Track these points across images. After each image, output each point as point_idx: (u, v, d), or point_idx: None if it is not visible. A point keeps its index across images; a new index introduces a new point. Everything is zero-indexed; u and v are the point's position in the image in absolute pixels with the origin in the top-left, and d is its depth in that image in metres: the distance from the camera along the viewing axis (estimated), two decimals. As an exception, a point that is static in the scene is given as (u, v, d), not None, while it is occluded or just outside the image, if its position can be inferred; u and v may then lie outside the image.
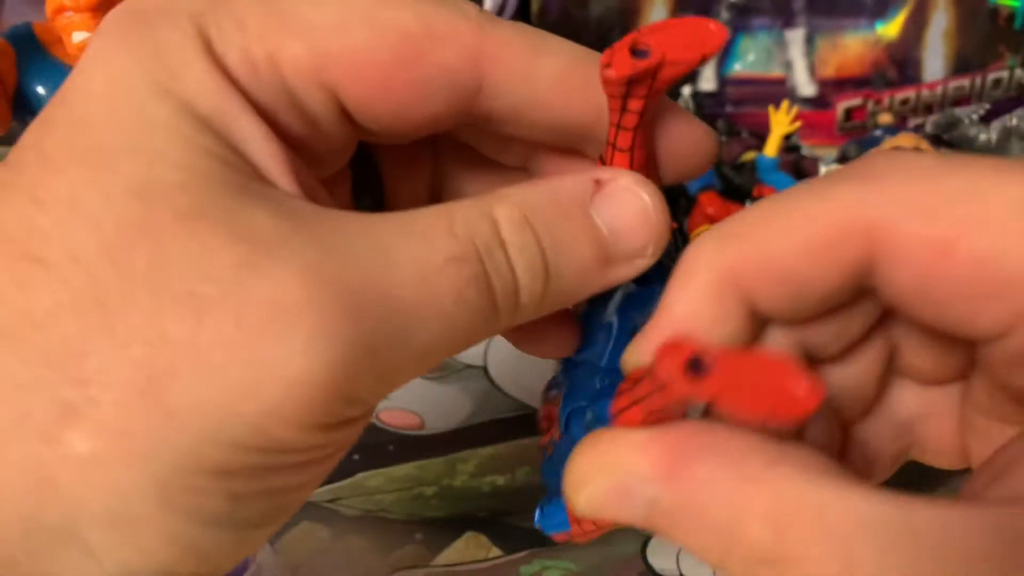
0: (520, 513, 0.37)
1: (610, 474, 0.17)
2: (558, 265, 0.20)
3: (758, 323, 0.19)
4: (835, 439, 0.21)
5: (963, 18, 0.54)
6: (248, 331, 0.16)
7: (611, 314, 0.24)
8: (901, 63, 0.55)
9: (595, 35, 0.53)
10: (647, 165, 0.21)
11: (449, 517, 0.36)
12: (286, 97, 0.19)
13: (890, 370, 0.21)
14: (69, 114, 0.17)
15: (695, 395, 0.16)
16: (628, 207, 0.20)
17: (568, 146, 0.22)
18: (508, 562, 0.35)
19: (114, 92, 0.17)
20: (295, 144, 0.20)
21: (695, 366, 0.16)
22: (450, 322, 0.18)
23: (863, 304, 0.19)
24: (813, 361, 0.20)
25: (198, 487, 0.16)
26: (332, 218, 0.18)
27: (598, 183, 0.20)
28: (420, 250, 0.18)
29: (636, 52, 0.19)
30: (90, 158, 0.17)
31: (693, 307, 0.18)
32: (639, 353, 0.19)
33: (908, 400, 0.21)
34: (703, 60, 0.19)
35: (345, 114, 0.20)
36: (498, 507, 0.37)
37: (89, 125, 0.17)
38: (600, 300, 0.24)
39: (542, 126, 0.21)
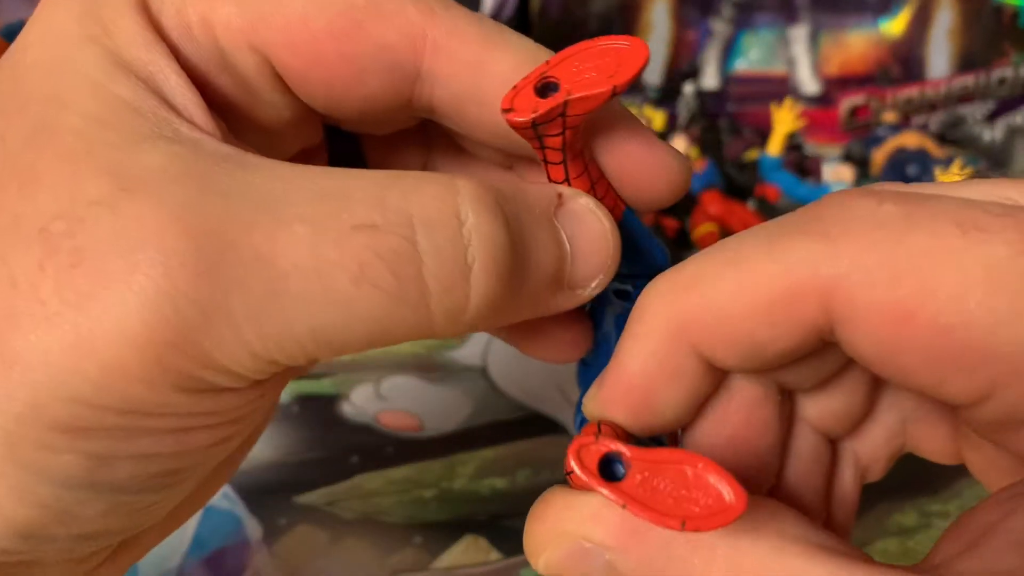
0: (520, 516, 0.36)
1: (566, 541, 0.17)
2: (523, 268, 0.17)
3: (718, 372, 0.18)
4: (823, 455, 0.21)
5: (968, 16, 0.54)
6: (89, 276, 0.15)
7: (608, 325, 0.23)
8: (905, 61, 0.55)
9: (596, 33, 0.53)
10: (605, 197, 0.20)
11: (448, 520, 0.36)
12: (218, 58, 0.18)
13: (878, 385, 0.20)
14: (6, 63, 0.18)
15: (609, 498, 0.15)
16: (589, 229, 0.19)
17: (524, 155, 0.21)
18: (508, 565, 0.35)
19: (45, 43, 0.17)
20: (233, 110, 0.19)
21: (609, 465, 0.16)
22: (345, 304, 0.15)
23: (834, 348, 0.18)
24: (790, 392, 0.20)
25: (50, 444, 0.15)
26: (240, 162, 0.16)
27: (560, 197, 0.19)
28: (324, 210, 0.16)
29: (545, 87, 0.18)
30: (8, 104, 0.17)
31: (646, 363, 0.17)
32: (594, 405, 0.18)
33: (901, 404, 0.21)
34: (615, 92, 0.17)
35: (283, 83, 0.19)
36: (498, 510, 0.37)
37: (18, 73, 0.17)
38: (596, 312, 0.23)
39: (490, 128, 0.20)
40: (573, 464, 0.16)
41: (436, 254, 0.16)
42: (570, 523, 0.16)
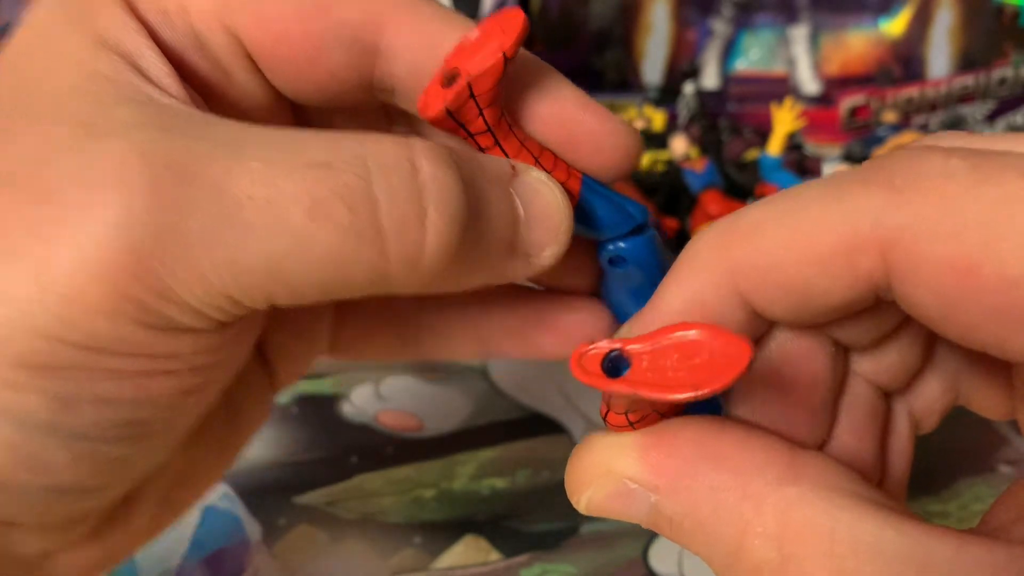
0: (521, 516, 0.36)
1: (611, 481, 0.16)
2: (479, 224, 0.18)
3: (763, 324, 0.18)
4: (877, 409, 0.20)
5: (968, 15, 0.54)
6: (53, 210, 0.15)
7: (621, 296, 0.23)
8: (905, 61, 0.55)
9: (596, 33, 0.53)
10: (554, 170, 0.20)
11: (448, 520, 0.36)
12: (194, 41, 0.19)
13: (934, 339, 0.20)
14: (3, 47, 0.18)
15: (618, 392, 0.15)
16: (542, 199, 0.19)
17: None
18: (508, 566, 0.35)
19: (33, 29, 0.18)
20: (210, 93, 0.20)
21: (613, 363, 0.16)
22: (299, 236, 0.16)
23: (889, 307, 0.17)
24: (844, 347, 0.19)
25: (13, 382, 0.15)
26: (207, 118, 0.17)
27: (514, 169, 0.19)
28: (280, 151, 0.16)
29: (450, 79, 0.19)
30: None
31: (688, 304, 0.17)
32: None
33: (956, 358, 0.20)
34: (507, 59, 0.18)
35: (254, 65, 0.20)
36: (498, 510, 0.37)
37: (7, 58, 0.18)
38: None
39: None
40: (578, 374, 0.15)
41: (391, 195, 0.16)
42: (616, 462, 0.16)
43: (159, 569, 0.34)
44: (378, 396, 0.42)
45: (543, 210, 0.19)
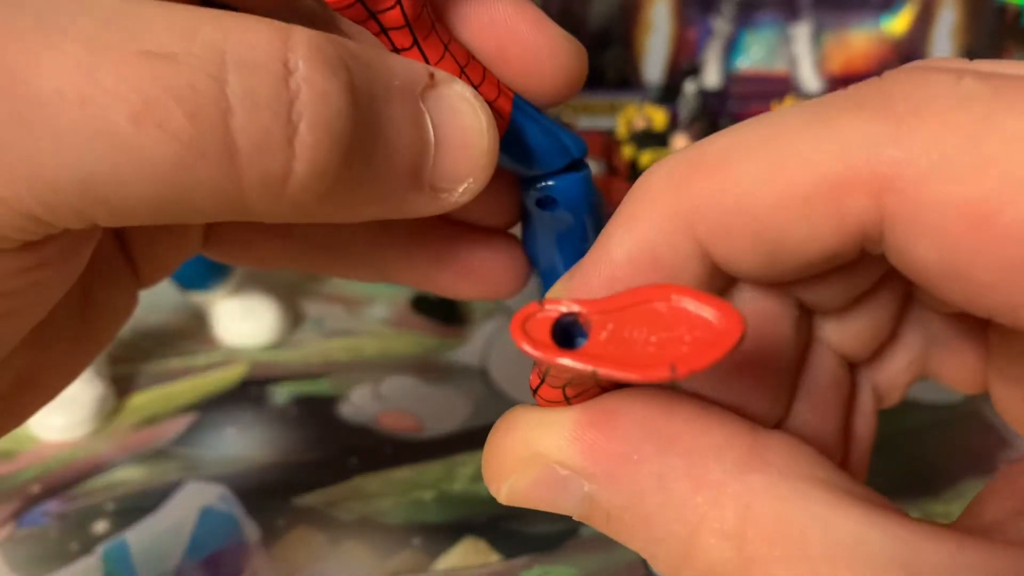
0: (520, 518, 0.36)
1: (535, 466, 0.14)
2: (370, 146, 0.14)
3: (722, 279, 0.15)
4: (842, 381, 0.18)
5: (971, 14, 0.54)
6: None
7: (547, 246, 0.20)
8: (908, 59, 0.54)
9: (597, 32, 0.52)
10: (482, 85, 0.17)
11: (448, 522, 0.36)
12: None
13: (907, 304, 0.17)
14: None
15: (574, 367, 0.12)
16: (461, 120, 0.15)
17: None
18: (508, 568, 0.34)
19: None
20: None
21: (565, 331, 0.13)
22: (119, 146, 0.12)
23: (870, 261, 0.14)
24: (808, 312, 0.16)
25: None
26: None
27: (433, 78, 0.15)
28: (113, 32, 0.12)
29: None
30: None
31: (635, 253, 0.14)
32: (563, 297, 0.15)
33: (927, 325, 0.18)
34: None
35: None
36: (498, 512, 0.36)
37: None
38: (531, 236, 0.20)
39: None
40: (521, 342, 0.12)
41: (250, 102, 0.13)
42: (542, 443, 0.14)
43: (157, 571, 0.33)
44: (377, 397, 0.42)
45: (461, 134, 0.15)
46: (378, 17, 0.15)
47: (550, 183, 0.18)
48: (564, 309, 0.13)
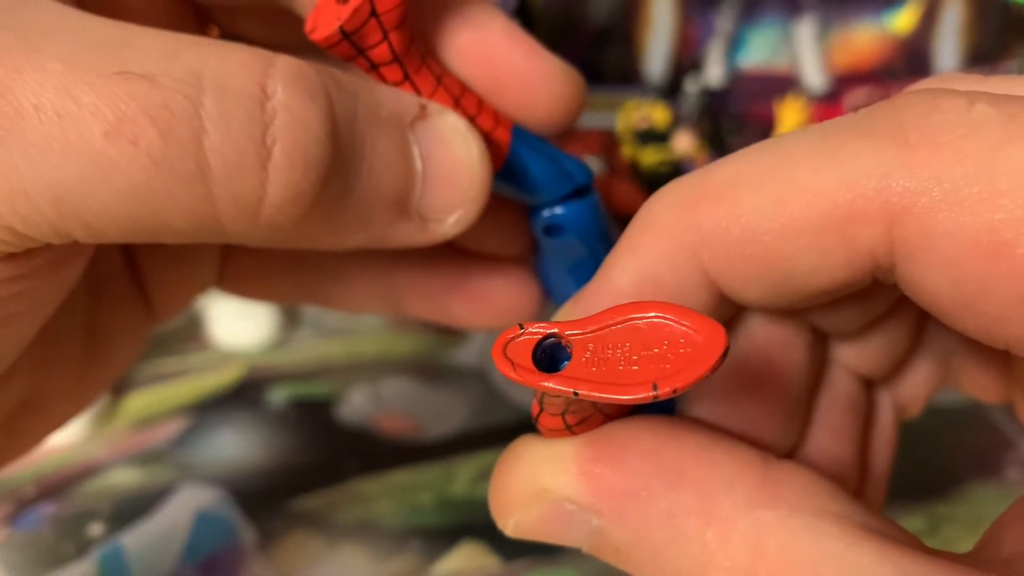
0: (520, 521, 0.36)
1: (543, 501, 0.14)
2: (350, 175, 0.14)
3: (730, 307, 0.15)
4: (858, 402, 0.17)
5: (976, 12, 0.53)
6: None
7: (560, 275, 0.20)
8: (913, 57, 0.54)
9: (598, 30, 0.52)
10: (479, 116, 0.17)
11: (446, 525, 0.36)
12: None
13: (926, 317, 0.17)
14: None
15: (555, 390, 0.12)
16: (452, 151, 0.16)
17: None
18: (507, 571, 0.34)
19: None
20: None
21: (548, 353, 0.12)
22: (91, 160, 0.13)
23: (884, 287, 0.14)
24: (822, 335, 0.16)
25: None
26: (36, 2, 0.14)
27: (424, 110, 0.16)
28: (93, 53, 0.13)
29: None
30: None
31: (639, 282, 0.14)
32: None
33: (946, 339, 0.18)
34: None
35: None
36: (497, 514, 0.36)
37: None
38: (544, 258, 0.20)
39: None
40: (502, 366, 0.12)
41: (224, 125, 0.13)
42: (548, 479, 0.14)
43: (152, 574, 0.33)
44: (375, 399, 0.42)
45: (449, 166, 0.16)
46: (366, 53, 0.16)
47: (556, 211, 0.18)
48: (543, 331, 0.12)
